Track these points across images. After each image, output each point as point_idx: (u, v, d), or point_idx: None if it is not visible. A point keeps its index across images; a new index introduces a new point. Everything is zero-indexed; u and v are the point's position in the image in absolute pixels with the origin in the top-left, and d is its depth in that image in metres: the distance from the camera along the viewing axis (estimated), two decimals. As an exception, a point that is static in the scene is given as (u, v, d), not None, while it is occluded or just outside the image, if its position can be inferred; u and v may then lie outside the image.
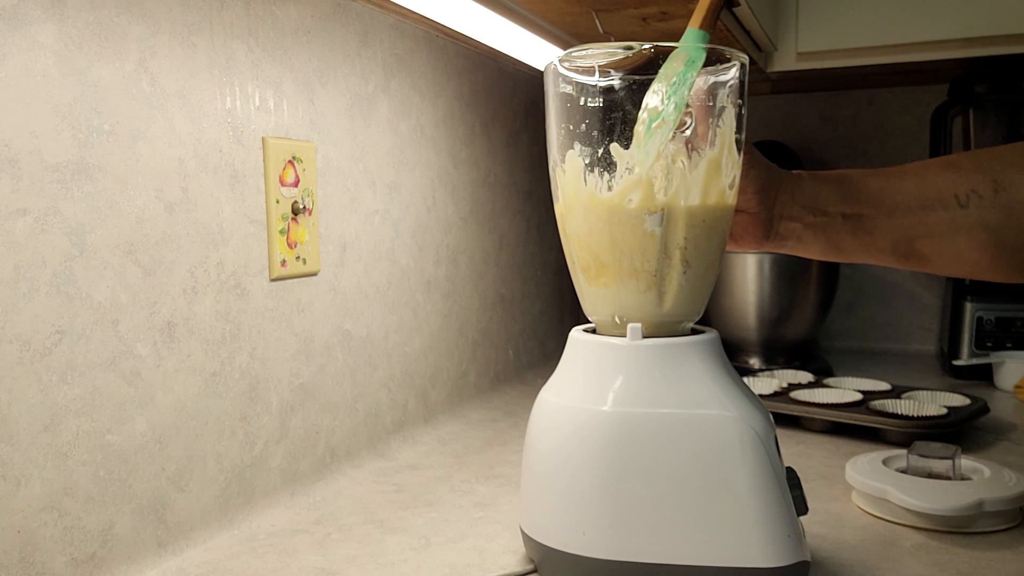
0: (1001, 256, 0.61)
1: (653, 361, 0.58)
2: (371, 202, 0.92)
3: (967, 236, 0.61)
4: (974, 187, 0.60)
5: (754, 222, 0.65)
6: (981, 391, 1.18)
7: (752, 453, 0.56)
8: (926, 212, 0.61)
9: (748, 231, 0.66)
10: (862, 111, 1.54)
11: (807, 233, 0.65)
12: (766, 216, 0.64)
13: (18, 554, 0.55)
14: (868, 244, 0.64)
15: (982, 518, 0.70)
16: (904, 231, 0.63)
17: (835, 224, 0.64)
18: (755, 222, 0.65)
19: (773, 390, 1.08)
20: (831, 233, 0.65)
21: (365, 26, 0.89)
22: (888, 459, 0.80)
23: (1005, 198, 0.59)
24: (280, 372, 0.78)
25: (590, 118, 0.59)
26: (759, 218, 0.65)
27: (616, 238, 0.58)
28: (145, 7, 0.63)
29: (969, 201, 0.60)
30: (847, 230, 0.64)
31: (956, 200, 0.60)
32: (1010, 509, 0.70)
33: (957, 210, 0.60)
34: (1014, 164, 0.59)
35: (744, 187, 0.63)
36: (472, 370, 1.15)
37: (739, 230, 0.66)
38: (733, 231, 0.66)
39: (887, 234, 0.63)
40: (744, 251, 1.30)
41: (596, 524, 0.58)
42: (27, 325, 0.55)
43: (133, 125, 0.62)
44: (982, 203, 0.59)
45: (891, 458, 0.80)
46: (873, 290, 1.57)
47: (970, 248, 0.61)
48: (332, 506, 0.78)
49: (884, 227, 0.63)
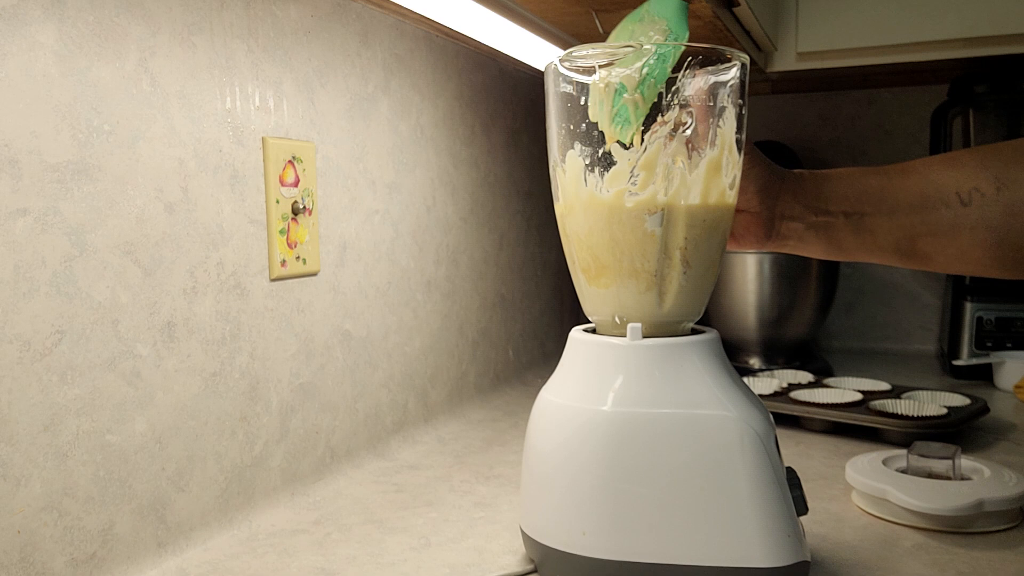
0: (1004, 254, 0.61)
1: (653, 361, 0.58)
2: (371, 202, 0.92)
3: (970, 234, 0.61)
4: (976, 185, 0.60)
5: (755, 222, 0.65)
6: (981, 391, 1.18)
7: (752, 453, 0.56)
8: (928, 211, 0.61)
9: (749, 231, 0.66)
10: (862, 111, 1.54)
11: (808, 233, 0.65)
12: (767, 216, 0.64)
13: (18, 554, 0.55)
14: (870, 243, 0.64)
15: (982, 518, 0.70)
16: (906, 230, 0.62)
17: (837, 224, 0.64)
18: (756, 222, 0.65)
19: (773, 390, 1.08)
20: (833, 232, 0.65)
21: (365, 26, 0.89)
22: (888, 459, 0.80)
23: (1008, 196, 0.59)
24: (280, 372, 0.78)
25: (590, 118, 0.59)
26: (760, 218, 0.65)
27: (616, 238, 0.58)
28: (145, 7, 0.63)
29: (971, 199, 0.60)
30: (849, 229, 0.64)
31: (958, 198, 0.60)
32: (1010, 509, 0.70)
33: (959, 208, 0.60)
34: (1017, 161, 0.59)
35: (745, 187, 0.63)
36: (472, 370, 1.15)
37: (740, 230, 0.66)
38: (734, 231, 0.66)
39: (889, 233, 0.63)
40: (745, 251, 1.30)
41: (596, 524, 0.58)
42: (27, 325, 0.55)
43: (133, 125, 0.62)
44: (984, 201, 0.59)
45: (891, 458, 0.80)
46: (873, 290, 1.57)
47: (973, 246, 0.61)
48: (332, 506, 0.78)
49: (886, 226, 0.63)
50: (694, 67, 0.57)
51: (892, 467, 0.79)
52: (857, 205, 0.63)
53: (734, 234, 0.66)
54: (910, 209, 0.62)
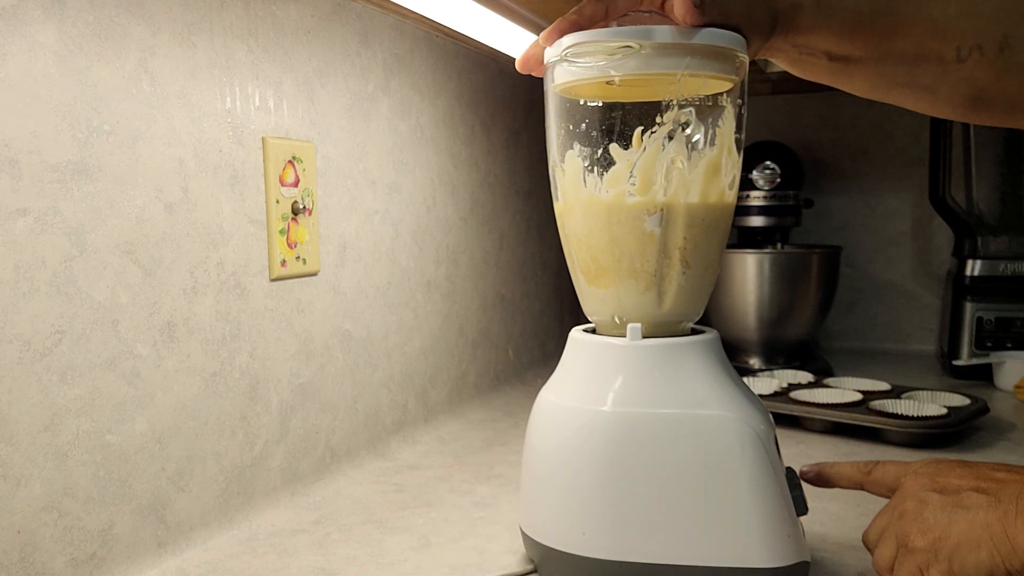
0: (974, 108, 0.59)
1: (653, 361, 0.58)
2: (371, 202, 0.92)
3: (949, 89, 0.59)
4: (980, 42, 0.57)
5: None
6: (981, 391, 1.18)
7: (752, 453, 0.56)
8: (918, 63, 0.59)
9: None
10: (862, 111, 1.54)
11: (782, 60, 0.62)
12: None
13: (18, 554, 0.55)
14: (844, 83, 0.62)
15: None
16: (887, 78, 0.60)
17: (818, 64, 0.61)
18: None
19: (773, 390, 1.08)
20: (807, 68, 0.61)
21: (365, 26, 0.89)
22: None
23: (1007, 58, 0.57)
24: (280, 372, 0.78)
25: (589, 118, 0.59)
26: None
27: (615, 238, 0.58)
28: (145, 7, 0.63)
29: (969, 56, 0.57)
30: (826, 70, 0.61)
31: (956, 54, 0.58)
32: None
33: (952, 64, 0.58)
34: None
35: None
36: (472, 370, 1.15)
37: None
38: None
39: (867, 79, 0.61)
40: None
41: (596, 524, 0.58)
42: (27, 325, 0.55)
43: (133, 125, 0.62)
44: (981, 60, 0.57)
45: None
46: (873, 290, 1.57)
47: (946, 101, 0.60)
48: (332, 506, 0.78)
49: (867, 72, 0.60)
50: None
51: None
52: (847, 47, 0.59)
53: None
54: (900, 59, 0.59)
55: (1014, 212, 1.32)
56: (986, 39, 0.57)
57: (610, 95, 0.59)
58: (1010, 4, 0.58)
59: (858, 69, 0.60)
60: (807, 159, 1.55)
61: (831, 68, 0.61)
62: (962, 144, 1.35)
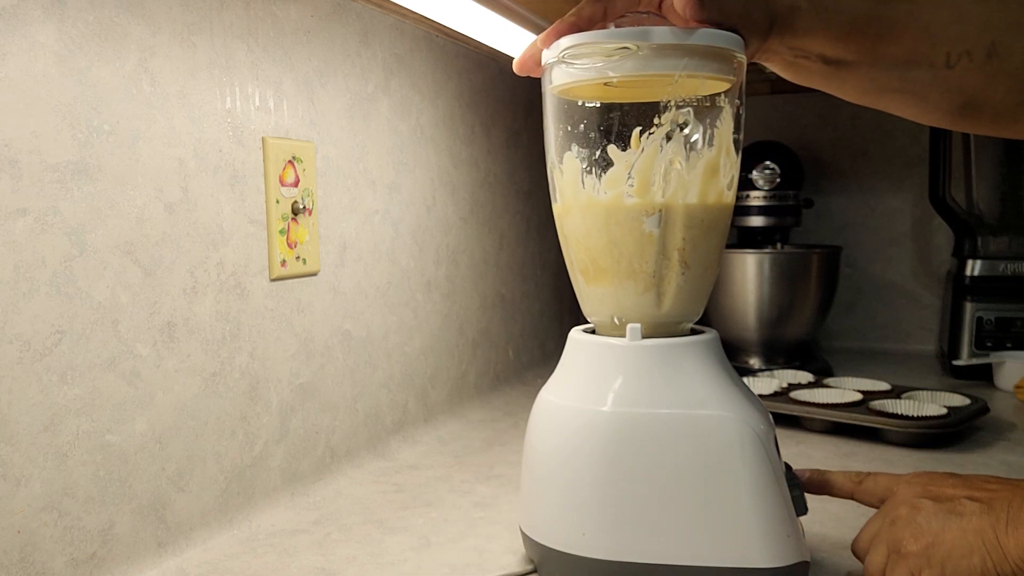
0: (962, 114, 0.60)
1: (653, 361, 0.58)
2: (371, 202, 0.92)
3: (939, 95, 0.59)
4: (969, 48, 0.57)
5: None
6: (981, 391, 1.18)
7: (752, 453, 0.56)
8: (909, 68, 0.59)
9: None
10: (862, 111, 1.54)
11: (777, 65, 0.62)
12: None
13: (18, 554, 0.55)
14: (836, 88, 0.62)
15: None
16: (879, 83, 0.61)
17: (812, 68, 0.61)
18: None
19: (773, 390, 1.08)
20: (800, 72, 0.62)
21: (365, 26, 0.90)
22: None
23: (995, 65, 0.57)
24: (280, 372, 0.79)
25: (587, 119, 0.59)
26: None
27: (614, 239, 0.58)
28: (145, 7, 0.63)
29: (959, 62, 0.58)
30: (820, 74, 0.61)
31: (946, 59, 0.58)
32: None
33: (941, 70, 0.58)
34: (1017, 23, 0.57)
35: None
36: (472, 370, 1.15)
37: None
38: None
39: (859, 84, 0.61)
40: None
41: (596, 524, 0.58)
42: (27, 325, 0.55)
43: (133, 125, 0.62)
44: (970, 66, 0.58)
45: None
46: (873, 290, 1.57)
47: (935, 107, 0.60)
48: (332, 506, 0.78)
49: (860, 77, 0.60)
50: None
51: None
52: (841, 51, 0.59)
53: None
54: (892, 65, 0.59)
55: (1014, 212, 1.32)
56: (975, 45, 0.58)
57: (608, 96, 0.59)
58: (999, 11, 0.58)
59: (851, 73, 0.60)
60: (807, 159, 1.55)
61: (825, 72, 0.61)
62: (962, 144, 1.34)
